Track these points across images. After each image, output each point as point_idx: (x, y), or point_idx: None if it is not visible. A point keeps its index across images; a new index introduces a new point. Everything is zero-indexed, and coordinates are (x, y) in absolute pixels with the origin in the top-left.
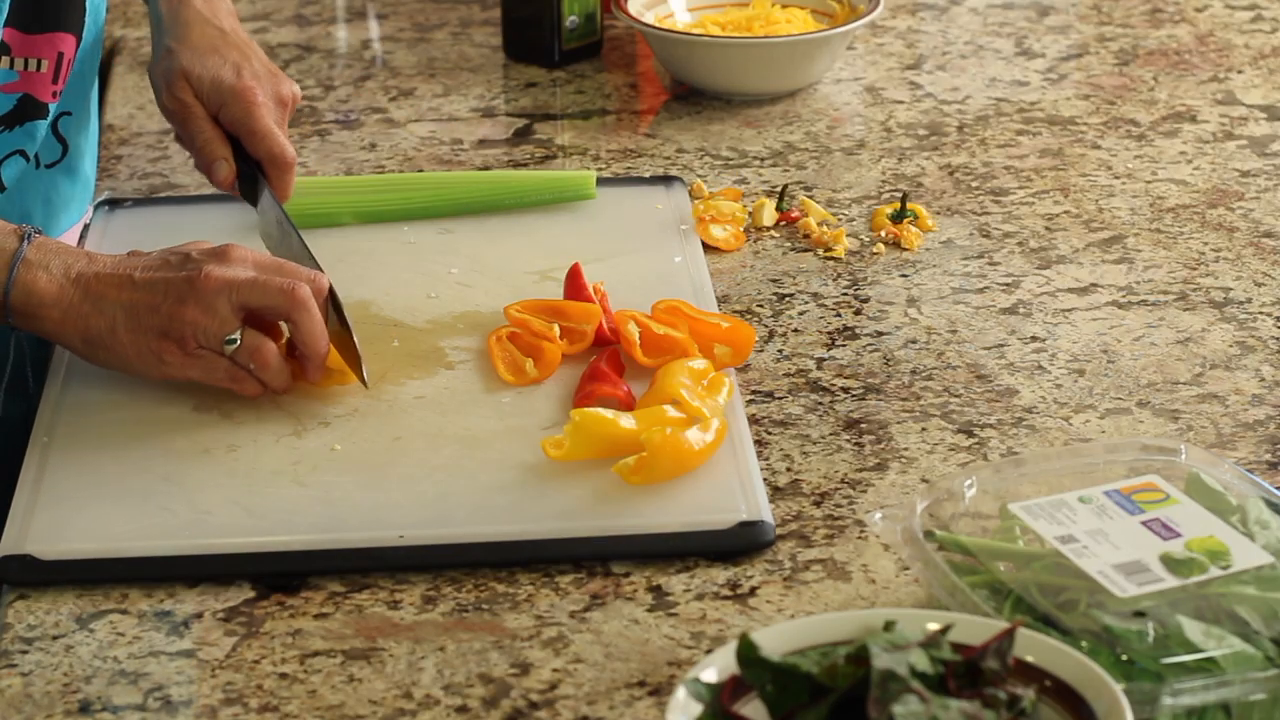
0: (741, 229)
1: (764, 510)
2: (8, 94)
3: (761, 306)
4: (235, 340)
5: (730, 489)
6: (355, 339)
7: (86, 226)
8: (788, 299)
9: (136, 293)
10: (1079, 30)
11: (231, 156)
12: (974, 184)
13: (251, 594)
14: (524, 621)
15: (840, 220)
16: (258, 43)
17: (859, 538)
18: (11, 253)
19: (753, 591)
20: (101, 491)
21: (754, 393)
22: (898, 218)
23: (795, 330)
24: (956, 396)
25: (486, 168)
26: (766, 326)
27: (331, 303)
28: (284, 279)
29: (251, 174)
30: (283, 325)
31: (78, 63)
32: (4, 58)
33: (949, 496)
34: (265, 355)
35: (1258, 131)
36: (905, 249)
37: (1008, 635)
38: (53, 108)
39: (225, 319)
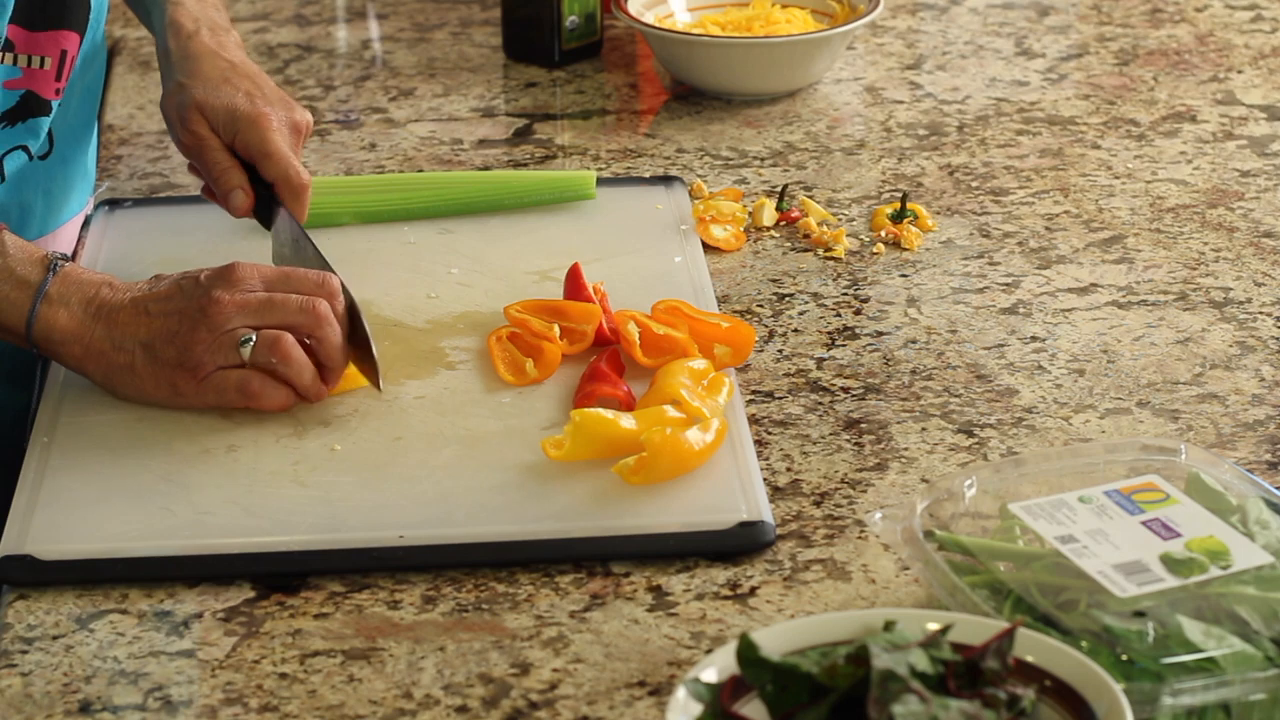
0: (741, 229)
1: (764, 510)
2: (10, 90)
3: (761, 306)
4: (250, 339)
5: (730, 489)
6: (374, 345)
7: (87, 219)
8: (788, 299)
9: (153, 323)
10: (1079, 30)
11: (248, 184)
12: (974, 184)
13: (251, 594)
14: (524, 621)
15: (840, 220)
16: (257, 43)
17: (859, 538)
18: (36, 285)
19: (753, 591)
20: (101, 491)
21: (754, 393)
22: (898, 218)
23: (795, 330)
24: (956, 396)
25: (486, 168)
26: (766, 326)
27: (349, 310)
28: (300, 297)
29: (265, 198)
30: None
31: (80, 60)
32: (8, 54)
33: (949, 496)
34: (285, 347)
35: (1258, 131)
36: (905, 249)
37: (1008, 635)
38: (55, 105)
39: (237, 336)
